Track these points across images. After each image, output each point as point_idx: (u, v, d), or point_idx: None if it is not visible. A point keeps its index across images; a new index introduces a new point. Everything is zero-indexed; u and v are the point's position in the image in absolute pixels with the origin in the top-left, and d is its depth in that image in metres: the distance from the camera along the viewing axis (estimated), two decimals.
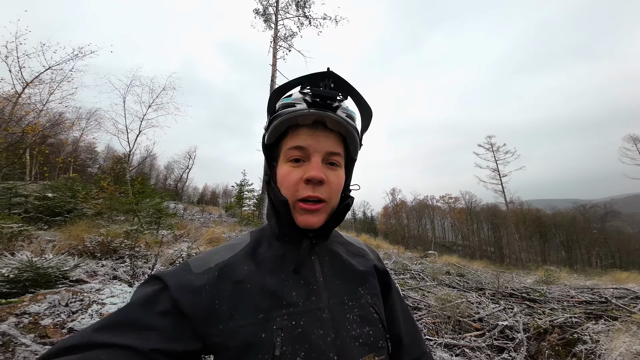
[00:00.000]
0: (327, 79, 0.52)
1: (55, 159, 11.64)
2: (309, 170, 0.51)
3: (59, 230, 6.36)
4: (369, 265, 0.65)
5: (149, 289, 0.47)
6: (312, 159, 0.53)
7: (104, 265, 4.60)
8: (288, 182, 0.53)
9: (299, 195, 0.52)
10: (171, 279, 0.48)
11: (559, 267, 14.17)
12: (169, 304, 0.45)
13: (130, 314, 0.43)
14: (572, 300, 5.01)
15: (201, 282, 0.48)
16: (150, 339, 0.41)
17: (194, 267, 0.51)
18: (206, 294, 0.47)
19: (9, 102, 6.69)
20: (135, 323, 0.42)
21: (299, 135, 0.53)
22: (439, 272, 7.47)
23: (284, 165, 0.55)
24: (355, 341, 0.51)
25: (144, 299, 0.45)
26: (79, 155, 27.49)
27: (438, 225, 64.91)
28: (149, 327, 0.42)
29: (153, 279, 0.49)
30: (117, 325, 0.41)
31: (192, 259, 0.54)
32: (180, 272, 0.50)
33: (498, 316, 3.94)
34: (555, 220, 48.46)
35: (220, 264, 0.52)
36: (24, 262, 2.89)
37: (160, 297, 0.45)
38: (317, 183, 0.52)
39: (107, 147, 33.80)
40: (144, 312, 0.43)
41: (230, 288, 0.49)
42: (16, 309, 2.23)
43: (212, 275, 0.50)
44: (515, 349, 2.98)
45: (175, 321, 0.44)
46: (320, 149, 0.53)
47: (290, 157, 0.54)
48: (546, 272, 8.53)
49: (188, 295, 0.46)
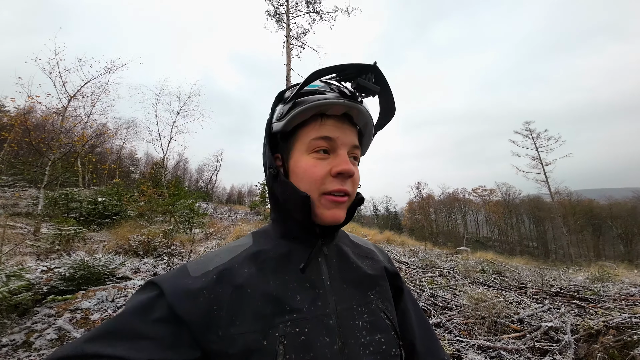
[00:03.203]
0: (370, 73, 0.50)
1: (102, 166, 12.89)
2: (340, 163, 0.49)
3: (108, 232, 7.06)
4: (378, 267, 0.61)
5: (143, 295, 0.45)
6: (339, 151, 0.50)
7: (145, 262, 5.02)
8: (313, 175, 0.49)
9: (325, 189, 0.49)
10: (166, 284, 0.45)
11: (615, 263, 12.66)
12: (165, 310, 0.43)
13: (123, 323, 0.41)
14: (632, 298, 4.47)
15: (198, 285, 0.46)
16: (144, 349, 0.39)
17: (192, 271, 0.49)
18: (204, 299, 0.45)
19: (58, 115, 7.49)
20: (129, 332, 0.40)
21: (325, 126, 0.50)
22: (472, 270, 7.06)
23: (306, 156, 0.51)
24: (366, 349, 0.48)
25: (139, 306, 0.43)
26: (122, 162, 30.25)
27: (471, 219, 61.28)
28: (144, 336, 0.40)
29: (149, 285, 0.47)
30: (109, 335, 0.39)
31: (190, 262, 0.51)
32: (177, 277, 0.47)
33: (541, 317, 3.63)
34: (612, 211, 43.37)
35: (219, 267, 0.49)
36: (78, 262, 3.24)
37: (155, 304, 0.43)
38: (347, 177, 0.50)
39: (145, 153, 36.93)
40: (138, 320, 0.41)
41: (229, 292, 0.46)
42: (70, 305, 2.50)
43: (210, 278, 0.47)
44: (560, 352, 2.72)
45: (172, 329, 0.42)
46: (347, 142, 0.51)
47: (315, 147, 0.50)
48: (600, 269, 7.68)
49: (184, 300, 0.44)
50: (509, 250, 39.61)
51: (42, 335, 2.09)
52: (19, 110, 7.60)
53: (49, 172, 6.72)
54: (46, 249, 4.78)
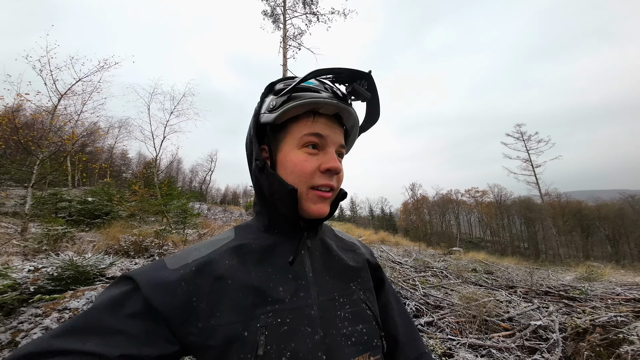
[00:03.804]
0: (364, 80, 0.52)
1: (92, 165, 12.63)
2: (329, 160, 0.51)
3: (98, 232, 6.92)
4: (361, 259, 0.63)
5: (115, 290, 0.43)
6: (328, 149, 0.52)
7: (137, 263, 4.93)
8: (303, 169, 0.50)
9: (314, 183, 0.51)
10: (142, 277, 0.44)
11: (603, 263, 12.97)
12: (140, 304, 0.41)
13: (93, 318, 0.39)
14: (618, 297, 4.58)
15: (176, 277, 0.45)
16: (117, 344, 0.37)
17: (169, 264, 0.48)
18: (182, 291, 0.44)
19: (48, 113, 7.32)
20: (99, 327, 0.38)
21: (317, 123, 0.52)
22: (464, 270, 7.15)
23: (296, 151, 0.52)
24: (348, 340, 0.48)
25: (110, 301, 0.41)
26: (114, 162, 29.72)
27: (464, 220, 62.01)
28: (115, 331, 0.38)
29: (122, 279, 0.45)
30: (77, 331, 0.38)
31: (168, 256, 0.50)
32: (153, 270, 0.46)
33: (531, 315, 3.70)
34: (600, 212, 44.45)
35: (198, 260, 0.48)
36: (67, 262, 3.17)
37: (129, 298, 0.42)
38: (333, 174, 0.52)
39: (138, 153, 36.26)
40: (109, 315, 0.39)
41: (210, 284, 0.46)
42: (59, 304, 2.45)
43: (188, 270, 0.46)
44: (549, 350, 2.77)
45: (148, 323, 0.41)
46: (336, 141, 0.54)
47: (306, 142, 0.51)
48: (588, 269, 7.85)
49: (161, 292, 0.43)
50: (500, 251, 40.17)
51: (29, 335, 2.04)
52: (7, 108, 7.38)
53: (37, 171, 6.55)
54: (33, 249, 4.66)
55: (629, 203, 44.19)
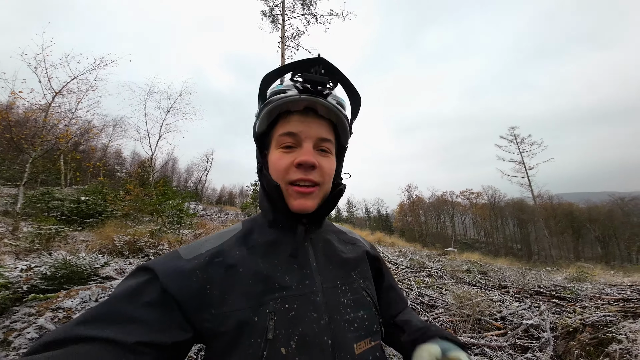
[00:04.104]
0: (317, 66, 0.52)
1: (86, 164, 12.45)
2: (301, 155, 0.52)
3: (92, 231, 6.82)
4: (360, 251, 0.66)
5: (133, 280, 0.45)
6: (303, 145, 0.53)
7: (131, 263, 4.89)
8: (279, 166, 0.53)
9: (290, 179, 0.52)
10: (159, 267, 0.46)
11: (593, 264, 13.22)
12: (157, 293, 0.43)
13: (112, 307, 0.41)
14: (607, 297, 4.68)
15: (191, 266, 0.47)
16: (133, 331, 0.39)
17: (184, 254, 0.50)
18: (197, 279, 0.46)
19: (42, 111, 7.20)
20: (117, 315, 0.40)
21: (290, 122, 0.53)
22: (458, 270, 7.22)
23: (275, 151, 0.55)
24: (350, 326, 0.51)
25: (128, 291, 0.43)
26: (108, 161, 29.29)
27: (458, 221, 62.67)
28: (133, 319, 0.40)
29: (140, 269, 0.47)
30: (98, 319, 0.40)
31: (181, 247, 0.53)
32: (169, 259, 0.49)
33: (522, 315, 3.76)
34: (590, 214, 45.21)
35: (211, 250, 0.51)
36: (60, 261, 3.13)
37: (146, 288, 0.44)
38: (308, 168, 0.52)
39: (132, 152, 35.85)
40: (127, 304, 0.42)
41: (222, 272, 0.48)
42: (52, 304, 2.42)
43: (202, 260, 0.49)
44: (540, 349, 2.83)
45: (163, 311, 0.43)
46: (312, 135, 0.53)
47: (281, 143, 0.54)
48: (578, 269, 8.00)
49: (177, 280, 0.45)
50: (494, 252, 40.62)
51: (22, 334, 2.02)
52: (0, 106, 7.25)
53: (29, 169, 6.44)
54: (25, 248, 4.58)
55: (618, 205, 45.00)
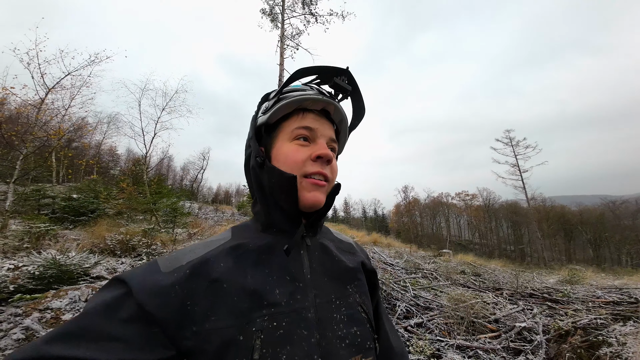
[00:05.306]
0: (343, 75, 0.56)
1: (78, 161, 12.25)
2: (319, 148, 0.53)
3: (83, 230, 6.71)
4: (357, 262, 0.63)
5: (108, 294, 0.42)
6: (318, 140, 0.54)
7: (123, 262, 4.81)
8: (295, 158, 0.52)
9: (306, 171, 0.52)
10: (135, 281, 0.43)
11: (585, 266, 13.42)
12: (133, 309, 0.40)
13: (86, 323, 0.38)
14: (598, 300, 4.74)
15: (170, 281, 0.44)
16: (112, 350, 0.36)
17: (163, 267, 0.46)
18: (176, 295, 0.43)
19: (34, 108, 7.07)
20: (92, 332, 0.37)
21: (307, 118, 0.55)
22: (453, 272, 7.28)
23: (288, 144, 0.54)
24: (342, 342, 0.48)
25: (103, 305, 0.40)
26: (101, 158, 28.88)
27: (453, 223, 63.13)
28: (111, 337, 0.37)
29: (115, 282, 0.44)
30: (70, 336, 0.36)
31: (161, 258, 0.49)
32: (146, 272, 0.45)
33: (516, 317, 3.79)
34: (582, 217, 45.93)
35: (193, 262, 0.48)
36: (49, 260, 3.06)
37: (123, 303, 0.41)
38: (325, 162, 0.53)
39: (127, 149, 35.42)
40: (104, 320, 0.38)
41: (204, 287, 0.45)
42: (40, 304, 2.36)
43: (182, 273, 0.45)
44: (533, 352, 2.85)
45: (142, 328, 0.40)
46: (326, 134, 0.56)
47: (297, 135, 0.54)
48: (570, 272, 8.11)
49: (155, 297, 0.42)
50: (488, 253, 41.00)
51: (8, 335, 1.96)
52: None
53: (20, 166, 6.32)
54: (14, 247, 4.48)
55: (609, 208, 45.79)
